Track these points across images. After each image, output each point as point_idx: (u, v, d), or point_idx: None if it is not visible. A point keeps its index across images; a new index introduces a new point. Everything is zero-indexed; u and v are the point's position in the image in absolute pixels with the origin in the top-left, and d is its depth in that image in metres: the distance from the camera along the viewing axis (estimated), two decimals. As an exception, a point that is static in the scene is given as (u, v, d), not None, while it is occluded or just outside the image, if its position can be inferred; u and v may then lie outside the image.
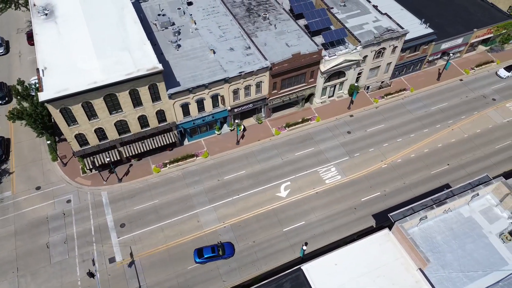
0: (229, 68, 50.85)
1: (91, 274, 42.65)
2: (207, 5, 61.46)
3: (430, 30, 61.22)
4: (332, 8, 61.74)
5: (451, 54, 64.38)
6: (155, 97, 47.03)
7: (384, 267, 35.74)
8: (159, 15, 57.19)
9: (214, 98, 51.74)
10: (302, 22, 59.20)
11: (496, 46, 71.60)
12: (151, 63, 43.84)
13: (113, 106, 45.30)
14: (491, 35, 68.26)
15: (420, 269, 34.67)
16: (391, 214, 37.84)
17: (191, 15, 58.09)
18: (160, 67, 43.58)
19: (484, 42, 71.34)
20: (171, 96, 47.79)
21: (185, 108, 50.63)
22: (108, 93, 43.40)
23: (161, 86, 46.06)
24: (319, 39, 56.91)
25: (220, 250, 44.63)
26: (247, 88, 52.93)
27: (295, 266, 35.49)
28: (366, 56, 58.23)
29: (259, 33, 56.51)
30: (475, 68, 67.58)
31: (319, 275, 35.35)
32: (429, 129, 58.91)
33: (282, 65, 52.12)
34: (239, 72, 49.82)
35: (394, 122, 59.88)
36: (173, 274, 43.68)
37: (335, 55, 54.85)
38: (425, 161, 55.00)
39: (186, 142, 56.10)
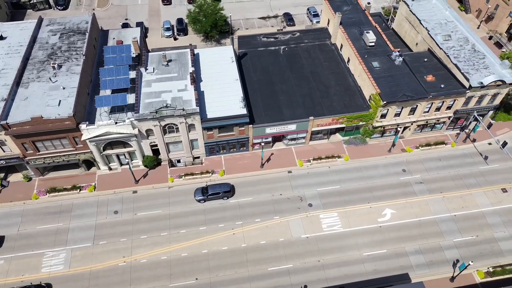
0: (-44, 121, 45.20)
1: None
2: (16, 42, 56.31)
3: (243, 112, 52.38)
4: (148, 69, 54.59)
5: (262, 143, 54.87)
6: None
7: None
8: None
9: None
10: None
11: (355, 139, 60.67)
12: None
13: None
14: (343, 125, 57.92)
15: None
16: None
17: (-27, 51, 53.35)
18: None
19: (342, 130, 60.89)
20: None
21: None
22: None
23: None
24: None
25: None
26: (-14, 144, 46.97)
27: None
28: (150, 129, 50.49)
29: (33, 84, 50.39)
30: (311, 160, 57.23)
31: None
32: (208, 227, 49.51)
33: (21, 126, 45.65)
34: (-45, 128, 44.05)
35: (175, 210, 51.07)
36: None
37: (94, 125, 47.64)
38: (173, 268, 45.76)
39: None
